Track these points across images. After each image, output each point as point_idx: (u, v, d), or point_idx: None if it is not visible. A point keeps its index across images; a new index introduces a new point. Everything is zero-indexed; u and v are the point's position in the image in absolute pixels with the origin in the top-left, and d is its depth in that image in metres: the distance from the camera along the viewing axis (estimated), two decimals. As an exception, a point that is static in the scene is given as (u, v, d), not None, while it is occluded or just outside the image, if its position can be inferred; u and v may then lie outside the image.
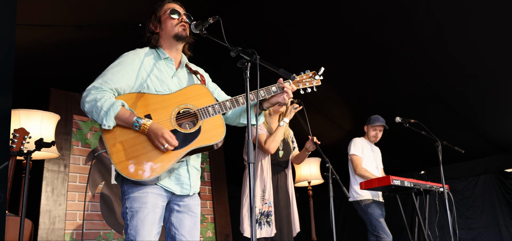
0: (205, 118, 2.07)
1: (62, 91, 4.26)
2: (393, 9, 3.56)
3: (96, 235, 4.10)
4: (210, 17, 2.06)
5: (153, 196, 1.99)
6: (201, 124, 2.06)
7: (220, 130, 2.07)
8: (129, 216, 1.97)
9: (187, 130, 2.04)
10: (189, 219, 2.13)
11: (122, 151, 1.95)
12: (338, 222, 7.48)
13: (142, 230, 1.94)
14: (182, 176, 2.09)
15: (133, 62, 2.08)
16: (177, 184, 2.08)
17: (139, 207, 1.97)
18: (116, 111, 1.93)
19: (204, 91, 2.16)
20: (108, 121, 1.92)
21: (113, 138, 1.96)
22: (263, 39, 4.12)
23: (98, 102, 1.93)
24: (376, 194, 4.25)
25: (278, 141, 3.34)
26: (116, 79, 2.01)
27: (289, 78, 2.11)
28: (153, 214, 1.98)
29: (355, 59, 4.30)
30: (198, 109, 2.08)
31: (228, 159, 5.58)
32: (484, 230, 6.00)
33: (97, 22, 3.55)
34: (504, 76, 4.25)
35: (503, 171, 6.00)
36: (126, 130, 1.97)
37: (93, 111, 1.94)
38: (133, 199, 1.98)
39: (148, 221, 1.96)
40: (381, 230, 4.06)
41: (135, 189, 1.98)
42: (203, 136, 2.04)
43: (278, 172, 3.44)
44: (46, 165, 3.95)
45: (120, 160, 1.93)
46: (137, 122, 1.94)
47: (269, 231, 3.23)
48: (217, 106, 2.11)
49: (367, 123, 4.52)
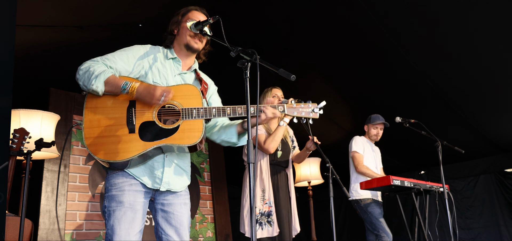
0: (187, 118, 2.04)
1: (62, 91, 4.26)
2: (393, 9, 3.56)
3: (96, 235, 4.10)
4: (210, 17, 2.07)
5: (130, 194, 1.99)
6: (180, 123, 2.04)
7: (196, 134, 2.03)
8: (106, 215, 1.99)
9: (164, 125, 2.03)
10: (174, 219, 2.11)
11: (96, 128, 1.96)
12: (338, 222, 7.48)
13: (119, 229, 1.93)
14: (155, 169, 2.07)
15: (139, 50, 2.14)
16: (150, 177, 2.06)
17: (115, 206, 1.97)
18: (106, 75, 1.95)
19: (195, 92, 2.12)
20: (97, 82, 1.92)
21: (92, 113, 1.98)
22: (263, 39, 4.12)
23: (91, 68, 1.95)
24: (375, 193, 4.25)
25: (277, 141, 3.34)
26: (114, 60, 2.05)
27: (289, 78, 2.11)
28: (131, 212, 1.96)
29: (355, 59, 4.30)
30: (182, 108, 2.05)
31: (228, 159, 5.57)
32: (484, 230, 6.00)
33: (98, 23, 3.55)
34: (504, 76, 4.25)
35: (503, 171, 6.00)
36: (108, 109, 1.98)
37: (85, 76, 1.94)
38: (110, 198, 1.99)
39: (126, 220, 1.94)
40: (381, 229, 4.06)
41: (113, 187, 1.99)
42: (178, 135, 2.02)
43: (278, 172, 3.44)
44: (46, 165, 3.95)
45: (90, 136, 1.95)
46: (125, 84, 1.95)
47: (271, 230, 3.22)
48: (202, 110, 2.06)
49: (367, 122, 4.51)
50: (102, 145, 1.94)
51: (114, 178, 2.02)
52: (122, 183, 2.00)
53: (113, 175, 2.02)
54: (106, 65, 2.01)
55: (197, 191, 5.09)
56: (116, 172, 2.02)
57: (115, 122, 1.98)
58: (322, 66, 4.49)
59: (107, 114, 1.98)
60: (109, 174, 2.04)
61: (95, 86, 1.92)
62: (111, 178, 2.02)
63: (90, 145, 1.93)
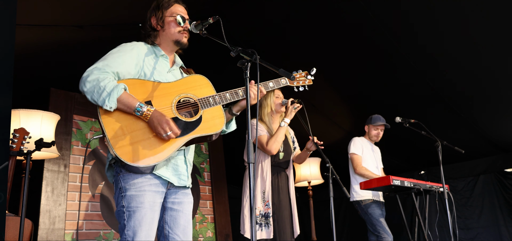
0: (206, 108, 2.08)
1: (62, 91, 4.26)
2: (393, 9, 3.56)
3: (96, 235, 4.10)
4: (210, 17, 2.06)
5: (150, 195, 1.95)
6: (202, 113, 2.06)
7: (220, 120, 2.10)
8: (126, 216, 1.92)
9: (188, 118, 2.03)
10: (183, 218, 2.10)
11: (121, 136, 1.90)
12: (338, 222, 7.48)
13: (140, 231, 1.89)
14: (179, 166, 2.07)
15: (132, 50, 2.07)
16: (175, 174, 2.05)
17: (136, 206, 1.92)
18: (119, 93, 1.89)
19: (205, 81, 2.17)
20: (110, 102, 1.86)
21: (111, 122, 1.91)
22: (263, 39, 4.12)
23: (101, 82, 1.87)
24: (377, 194, 4.25)
25: (279, 141, 3.33)
26: (117, 64, 1.98)
27: (289, 77, 2.11)
28: (151, 213, 1.94)
29: (355, 59, 4.30)
30: (199, 99, 2.08)
31: (228, 159, 5.57)
32: (484, 230, 6.00)
33: (97, 22, 3.55)
34: (504, 76, 4.25)
35: (503, 171, 6.00)
36: (125, 115, 1.93)
37: (95, 90, 1.86)
38: (130, 198, 1.93)
39: (146, 221, 1.92)
40: (381, 230, 4.06)
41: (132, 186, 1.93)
42: (204, 125, 2.05)
43: (278, 173, 3.43)
44: (46, 165, 3.95)
45: (120, 145, 1.88)
46: (140, 107, 1.90)
47: (269, 232, 3.22)
48: (218, 97, 2.12)
49: (368, 123, 4.51)
50: (136, 151, 1.89)
51: (131, 178, 1.95)
52: (141, 183, 1.95)
53: (129, 174, 1.95)
54: (113, 72, 1.95)
55: (197, 191, 5.08)
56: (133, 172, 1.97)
57: (139, 126, 1.94)
58: (322, 66, 4.47)
59: (128, 120, 1.93)
60: (124, 173, 1.96)
61: (109, 106, 1.86)
62: (128, 177, 1.95)
63: (123, 154, 1.86)
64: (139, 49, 2.10)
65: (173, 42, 2.17)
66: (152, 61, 2.11)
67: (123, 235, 1.92)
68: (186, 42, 2.19)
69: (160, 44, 2.19)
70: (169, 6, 2.17)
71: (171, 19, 2.15)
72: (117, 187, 2.00)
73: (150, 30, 2.18)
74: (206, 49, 3.37)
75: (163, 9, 2.17)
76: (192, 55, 2.51)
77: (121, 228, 1.94)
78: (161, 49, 2.18)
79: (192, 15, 2.24)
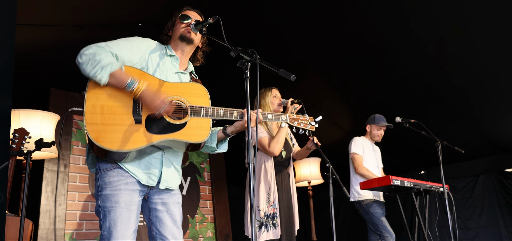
0: (194, 116, 2.05)
1: (62, 91, 4.26)
2: (393, 9, 3.56)
3: (96, 235, 4.10)
4: (210, 17, 2.07)
5: (126, 194, 1.94)
6: (188, 120, 2.03)
7: (204, 132, 2.06)
8: (102, 216, 1.93)
9: (172, 120, 2.00)
10: (169, 218, 2.09)
11: (99, 114, 1.87)
12: (338, 222, 7.48)
13: (115, 231, 1.89)
14: (152, 165, 2.04)
15: (142, 43, 2.11)
16: (145, 172, 2.01)
17: (111, 206, 1.91)
18: (113, 69, 1.89)
19: (204, 92, 2.15)
20: (101, 73, 1.85)
21: (95, 98, 1.89)
22: (263, 39, 4.12)
23: (97, 55, 1.88)
24: (377, 193, 4.25)
25: (281, 143, 3.31)
26: (119, 48, 2.00)
27: (289, 78, 2.11)
28: (127, 212, 1.93)
29: (354, 59, 4.30)
30: (190, 106, 2.06)
31: (228, 159, 5.57)
32: (484, 230, 6.00)
33: (97, 22, 3.55)
34: (504, 76, 4.25)
35: (503, 171, 6.00)
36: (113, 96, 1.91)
37: (89, 62, 1.86)
38: (105, 197, 1.93)
39: (122, 221, 1.90)
40: (383, 229, 4.06)
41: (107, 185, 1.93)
42: (186, 131, 2.01)
43: (281, 171, 3.43)
44: (46, 165, 3.95)
45: (93, 122, 1.85)
46: (131, 82, 1.90)
47: (276, 232, 3.19)
48: (210, 110, 2.10)
49: (370, 122, 4.49)
50: (106, 132, 1.85)
51: (108, 176, 1.95)
52: (117, 181, 1.94)
53: (106, 173, 1.95)
54: (112, 53, 1.95)
55: (197, 191, 5.09)
56: (110, 170, 1.95)
57: (120, 110, 1.90)
58: (322, 66, 4.49)
59: (112, 101, 1.90)
60: (102, 171, 1.96)
61: (99, 77, 1.85)
62: (105, 176, 1.95)
63: (91, 131, 1.82)
64: (150, 44, 2.15)
65: (179, 39, 2.22)
66: (158, 58, 2.14)
67: (101, 234, 1.94)
68: (189, 37, 2.21)
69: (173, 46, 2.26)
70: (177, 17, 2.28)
71: (178, 20, 2.25)
72: (95, 185, 2.01)
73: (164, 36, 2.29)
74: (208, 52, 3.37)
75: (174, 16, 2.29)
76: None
77: (100, 226, 1.96)
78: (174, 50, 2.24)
79: (192, 15, 2.24)
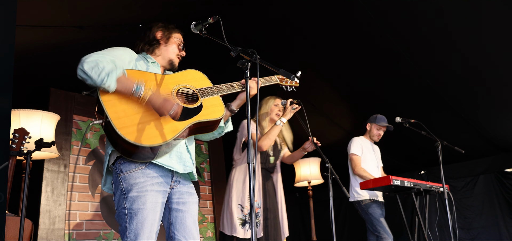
0: (205, 97, 2.14)
1: (62, 91, 4.27)
2: (392, 9, 3.56)
3: (96, 235, 4.10)
4: (210, 17, 2.07)
5: (152, 195, 1.94)
6: (202, 101, 2.11)
7: (220, 108, 2.15)
8: (127, 218, 1.90)
9: (188, 105, 2.06)
10: (189, 219, 2.09)
11: (125, 117, 1.87)
12: (338, 222, 7.48)
13: (142, 233, 1.88)
14: (183, 153, 2.08)
15: (125, 50, 2.13)
16: (179, 162, 2.05)
17: (138, 208, 1.89)
18: (118, 74, 1.89)
19: (201, 75, 2.25)
20: (109, 81, 1.85)
21: (112, 104, 1.88)
22: (263, 39, 4.12)
23: (99, 63, 1.87)
24: (375, 193, 4.25)
25: (271, 139, 3.28)
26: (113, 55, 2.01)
27: (289, 77, 2.12)
28: (153, 214, 1.92)
29: (354, 59, 4.30)
30: (198, 89, 2.14)
31: (228, 159, 5.57)
32: (484, 230, 6.00)
33: (98, 23, 3.55)
34: (504, 76, 4.25)
35: (503, 171, 6.00)
36: (125, 98, 1.92)
37: (93, 70, 1.85)
38: (132, 199, 1.91)
39: (148, 222, 1.90)
40: (382, 230, 4.06)
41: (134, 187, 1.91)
42: (205, 111, 2.09)
43: (266, 177, 3.44)
44: (46, 165, 3.95)
45: (123, 125, 1.84)
46: (138, 88, 1.90)
47: (258, 231, 3.22)
48: (215, 88, 2.19)
49: (371, 122, 4.49)
50: (141, 131, 1.86)
51: (133, 178, 1.93)
52: (144, 182, 1.93)
53: (131, 175, 1.93)
54: (112, 61, 1.96)
55: (197, 191, 5.09)
56: (134, 171, 1.94)
57: (141, 108, 1.93)
58: (322, 66, 4.49)
59: (129, 103, 1.92)
60: (125, 173, 1.94)
61: (108, 84, 1.85)
62: (129, 177, 1.93)
63: (128, 134, 1.82)
64: (131, 52, 2.16)
65: (168, 60, 2.26)
66: (144, 65, 2.16)
67: (124, 237, 1.90)
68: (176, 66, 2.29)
69: (157, 56, 2.26)
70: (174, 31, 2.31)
71: (176, 41, 2.28)
72: (117, 189, 1.97)
73: (153, 40, 2.26)
74: (207, 50, 3.37)
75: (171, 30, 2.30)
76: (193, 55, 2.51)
77: (122, 230, 1.92)
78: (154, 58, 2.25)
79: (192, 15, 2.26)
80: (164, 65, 2.27)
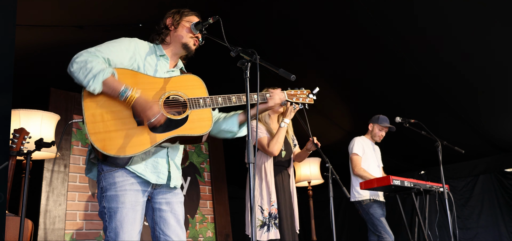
0: (194, 109, 2.03)
1: (62, 91, 4.26)
2: (392, 8, 3.56)
3: (96, 235, 4.10)
4: (210, 17, 2.07)
5: (131, 194, 1.92)
6: (188, 113, 2.01)
7: (206, 123, 2.04)
8: (107, 217, 1.91)
9: (173, 116, 1.98)
10: (173, 218, 2.07)
11: (100, 122, 1.84)
12: (338, 222, 7.48)
13: (122, 232, 1.87)
14: (159, 164, 2.02)
15: (130, 44, 2.07)
16: (153, 172, 1.99)
17: (117, 207, 1.89)
18: (105, 76, 1.85)
19: (199, 83, 2.12)
20: (94, 83, 1.83)
21: (93, 106, 1.86)
22: (264, 40, 4.12)
23: (88, 63, 1.85)
24: (376, 193, 4.25)
25: (281, 142, 3.30)
26: (109, 51, 1.97)
27: (289, 78, 2.11)
28: (132, 213, 1.91)
29: (355, 59, 4.30)
30: (189, 99, 2.03)
31: (228, 159, 5.57)
32: (483, 230, 6.00)
33: (97, 23, 3.55)
34: (504, 76, 4.25)
35: (503, 171, 6.00)
36: (110, 102, 1.89)
37: (81, 71, 1.84)
38: (110, 198, 1.91)
39: (128, 221, 1.89)
40: (382, 230, 4.06)
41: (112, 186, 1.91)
42: (189, 125, 1.99)
43: (281, 171, 3.42)
44: (46, 165, 3.95)
45: (96, 131, 1.82)
46: (124, 91, 1.86)
47: (276, 233, 3.19)
48: (209, 100, 2.07)
49: (373, 122, 4.48)
50: (111, 140, 1.83)
51: (112, 177, 1.93)
52: (122, 182, 1.92)
53: (110, 174, 1.93)
54: (104, 58, 1.92)
55: (197, 191, 5.09)
56: (114, 170, 1.93)
57: (120, 114, 1.88)
58: (322, 66, 4.49)
59: (111, 107, 1.88)
60: (106, 172, 1.94)
61: (93, 88, 1.83)
62: (109, 176, 1.93)
63: (96, 140, 1.80)
64: (139, 45, 2.11)
65: (181, 45, 2.18)
66: (150, 60, 2.11)
67: (106, 236, 1.91)
68: (193, 48, 2.20)
69: (168, 44, 2.20)
70: (188, 15, 2.23)
71: (186, 25, 2.19)
72: (99, 187, 1.98)
73: (162, 28, 2.22)
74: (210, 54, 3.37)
75: (182, 15, 2.22)
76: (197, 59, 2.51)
77: (105, 228, 1.93)
78: (165, 49, 2.19)
79: (192, 15, 2.24)
80: (177, 53, 2.20)
